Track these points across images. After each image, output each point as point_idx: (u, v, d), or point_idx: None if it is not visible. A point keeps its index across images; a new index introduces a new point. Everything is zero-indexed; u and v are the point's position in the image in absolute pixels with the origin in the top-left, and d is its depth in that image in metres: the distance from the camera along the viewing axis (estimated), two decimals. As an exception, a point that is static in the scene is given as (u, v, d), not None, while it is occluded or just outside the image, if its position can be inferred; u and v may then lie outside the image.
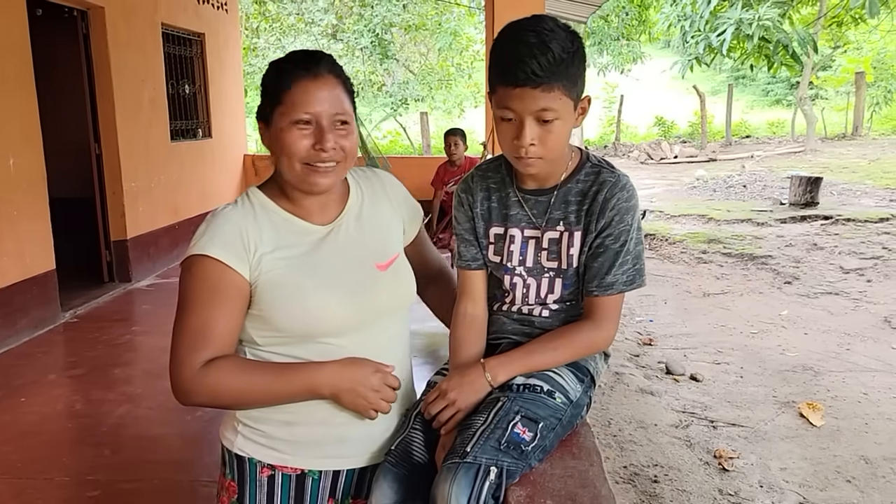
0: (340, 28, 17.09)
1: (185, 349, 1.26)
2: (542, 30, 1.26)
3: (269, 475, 1.37)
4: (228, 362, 1.27)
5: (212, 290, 1.27)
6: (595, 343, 1.43)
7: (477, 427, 1.28)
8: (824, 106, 21.92)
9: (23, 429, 3.40)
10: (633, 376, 4.52)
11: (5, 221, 4.51)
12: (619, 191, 1.37)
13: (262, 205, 1.36)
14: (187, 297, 1.28)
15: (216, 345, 1.27)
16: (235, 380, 1.27)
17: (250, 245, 1.29)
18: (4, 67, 4.53)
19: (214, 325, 1.27)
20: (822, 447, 3.60)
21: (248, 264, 1.29)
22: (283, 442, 1.35)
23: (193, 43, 7.50)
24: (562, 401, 1.37)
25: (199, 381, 1.25)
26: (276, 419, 1.34)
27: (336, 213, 1.40)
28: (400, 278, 1.43)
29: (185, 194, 7.01)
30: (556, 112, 1.28)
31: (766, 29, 7.97)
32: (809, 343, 5.14)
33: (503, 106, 1.30)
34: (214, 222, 1.31)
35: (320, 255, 1.34)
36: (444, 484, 1.19)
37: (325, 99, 1.28)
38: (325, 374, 1.29)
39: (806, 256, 7.48)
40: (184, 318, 1.28)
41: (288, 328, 1.31)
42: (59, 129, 6.18)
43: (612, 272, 1.39)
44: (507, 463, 1.23)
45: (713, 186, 12.47)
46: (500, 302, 1.51)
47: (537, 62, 1.23)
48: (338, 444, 1.36)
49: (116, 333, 4.83)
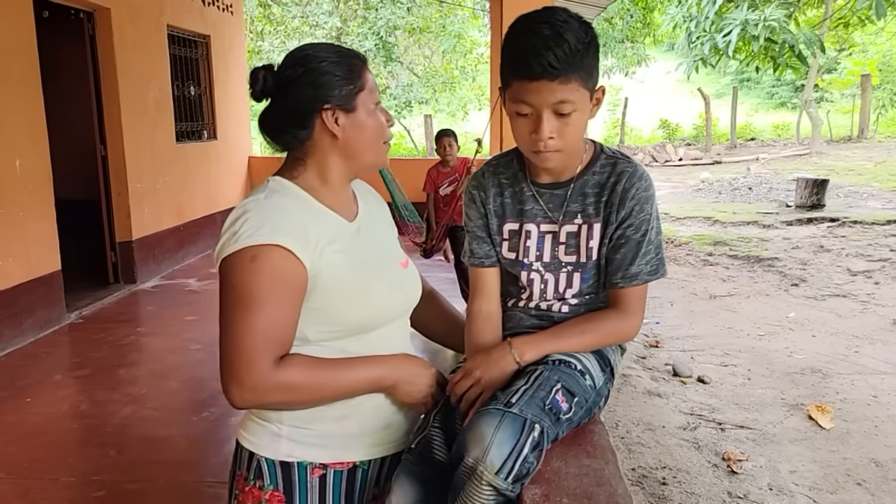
0: (344, 31, 17.10)
1: (257, 347, 1.18)
2: (555, 21, 1.24)
3: (320, 475, 1.33)
4: (301, 359, 1.23)
5: (282, 281, 1.20)
6: (622, 332, 1.41)
7: (519, 386, 1.26)
8: (830, 108, 21.87)
9: (28, 429, 3.39)
10: (640, 378, 4.50)
11: (11, 222, 4.51)
12: (637, 180, 1.36)
13: (298, 196, 1.31)
14: (252, 290, 1.19)
15: (286, 341, 1.22)
16: (311, 377, 1.23)
17: (311, 236, 1.25)
18: (11, 69, 4.53)
19: (284, 319, 1.21)
20: (832, 450, 3.57)
21: (310, 256, 1.24)
22: (335, 438, 1.33)
23: (199, 45, 7.50)
24: (590, 384, 1.36)
25: (276, 380, 1.19)
26: (328, 416, 1.31)
27: (354, 211, 1.40)
28: (416, 276, 1.47)
29: (191, 196, 7.01)
30: (574, 104, 1.26)
31: (772, 30, 7.95)
32: (817, 345, 5.11)
33: (519, 100, 1.28)
34: (269, 211, 1.24)
35: (363, 249, 1.34)
36: (487, 428, 1.15)
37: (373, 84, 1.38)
38: (388, 367, 1.32)
39: (813, 259, 7.45)
40: (251, 312, 1.18)
41: (350, 321, 1.29)
42: (65, 130, 6.19)
43: (637, 263, 1.38)
44: (546, 425, 1.20)
45: (718, 189, 12.45)
46: (515, 298, 1.49)
47: (554, 54, 1.21)
48: (385, 431, 1.37)
49: (121, 334, 4.82)
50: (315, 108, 1.30)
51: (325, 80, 1.29)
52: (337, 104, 1.30)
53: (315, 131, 1.32)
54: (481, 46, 18.12)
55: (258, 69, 1.33)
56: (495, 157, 1.49)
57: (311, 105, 1.30)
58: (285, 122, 1.33)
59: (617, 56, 18.79)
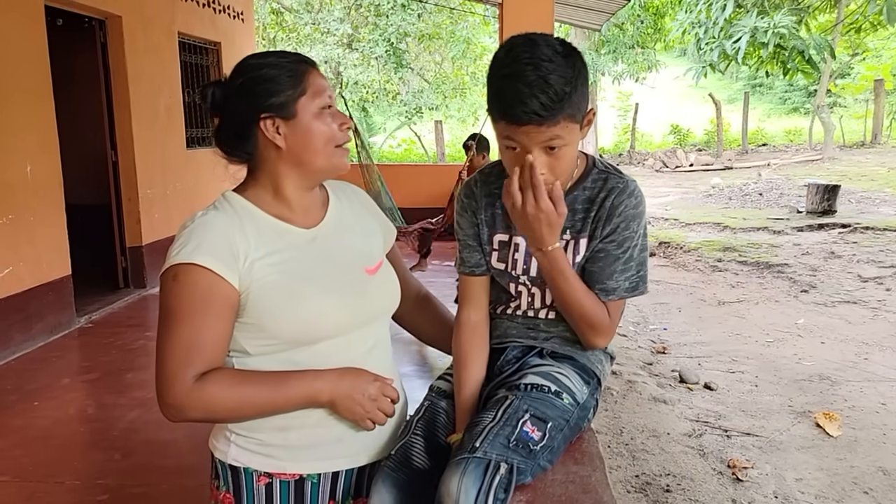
0: (356, 38, 17.18)
1: (177, 363, 1.20)
2: (539, 61, 1.20)
3: (266, 483, 1.33)
4: (223, 374, 1.23)
5: (201, 299, 1.22)
6: (590, 341, 1.41)
7: (486, 424, 1.26)
8: (842, 114, 21.74)
9: (35, 433, 3.42)
10: (645, 384, 4.48)
11: (22, 227, 4.56)
12: (627, 197, 1.35)
13: (244, 209, 1.31)
14: (174, 308, 1.23)
15: (208, 357, 1.22)
16: (233, 392, 1.22)
17: (239, 252, 1.25)
18: (23, 76, 4.59)
19: (206, 336, 1.21)
20: (839, 458, 3.54)
21: (237, 273, 1.24)
22: (278, 448, 1.31)
23: (209, 52, 7.57)
24: (569, 402, 1.35)
25: (194, 396, 1.19)
26: (270, 426, 1.30)
27: (319, 217, 1.38)
28: (388, 282, 1.42)
29: (201, 201, 6.97)
30: (563, 139, 1.24)
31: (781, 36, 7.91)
32: (826, 352, 5.07)
33: (507, 137, 1.26)
34: (197, 229, 1.26)
35: (310, 259, 1.31)
36: (454, 478, 1.17)
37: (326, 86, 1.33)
38: (323, 382, 1.26)
39: (823, 265, 7.40)
40: (172, 330, 1.22)
41: (285, 334, 1.27)
42: (77, 136, 6.25)
43: (615, 277, 1.37)
44: (516, 461, 1.21)
45: (729, 194, 12.39)
46: (504, 305, 1.49)
47: (539, 102, 1.19)
48: (335, 444, 1.33)
49: (130, 339, 4.86)
50: (253, 119, 1.28)
51: (260, 89, 1.28)
52: (275, 113, 1.28)
53: (259, 142, 1.31)
54: (491, 52, 18.14)
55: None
56: (487, 167, 1.49)
57: (248, 116, 1.29)
58: (229, 136, 1.32)
59: (627, 61, 18.76)
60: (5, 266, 4.40)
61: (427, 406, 1.43)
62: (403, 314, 1.55)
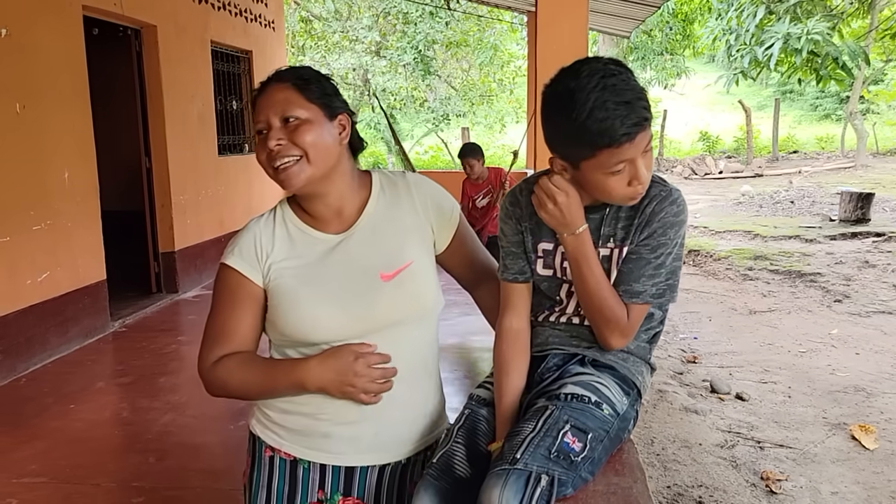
0: (384, 45, 17.31)
1: (205, 346, 1.41)
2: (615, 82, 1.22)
3: (269, 456, 1.46)
4: (232, 359, 1.38)
5: (230, 295, 1.41)
6: (604, 339, 1.40)
7: (526, 434, 1.25)
8: (876, 121, 21.35)
9: (72, 435, 3.48)
10: (676, 394, 4.43)
11: (60, 233, 4.66)
12: (668, 204, 1.35)
13: (284, 216, 1.45)
14: (212, 301, 1.44)
15: (230, 344, 1.40)
16: (234, 375, 1.38)
17: (262, 254, 1.40)
18: (62, 86, 4.70)
19: (228, 326, 1.40)
20: (876, 471, 3.47)
21: (260, 272, 1.40)
22: (280, 427, 1.44)
23: (241, 60, 7.67)
24: (609, 413, 1.34)
25: (210, 375, 1.39)
26: (276, 405, 1.43)
27: (352, 220, 1.43)
28: (405, 289, 1.39)
29: (231, 207, 7.15)
30: (650, 139, 1.29)
31: (815, 43, 7.81)
32: (861, 363, 4.97)
33: (615, 163, 1.25)
34: (241, 233, 1.45)
35: (326, 266, 1.39)
36: (494, 489, 1.17)
37: (268, 106, 1.34)
38: (307, 369, 1.33)
39: (857, 274, 7.27)
40: (209, 318, 1.44)
41: (287, 333, 1.39)
42: (112, 143, 6.38)
43: (642, 281, 1.36)
44: (557, 472, 1.21)
45: (759, 202, 12.23)
46: (548, 311, 1.49)
47: (641, 105, 1.22)
48: (323, 439, 1.40)
49: (163, 343, 4.93)
50: None
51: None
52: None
53: None
54: (519, 59, 18.16)
55: None
56: (534, 176, 1.47)
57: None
58: None
59: (656, 68, 18.65)
60: (43, 270, 4.50)
61: (467, 414, 1.43)
62: (472, 290, 1.62)
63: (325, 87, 1.38)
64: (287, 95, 1.33)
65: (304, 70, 1.40)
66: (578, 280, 1.36)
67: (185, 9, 6.32)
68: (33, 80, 4.42)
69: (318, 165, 1.34)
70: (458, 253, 1.52)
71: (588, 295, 1.36)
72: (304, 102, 1.34)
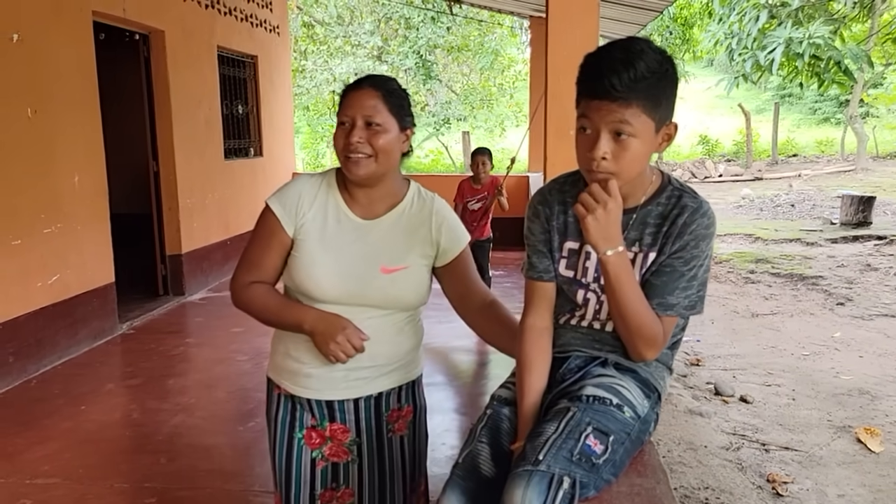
0: (386, 50, 17.35)
1: (240, 269, 1.70)
2: (631, 48, 1.27)
3: (278, 393, 1.77)
4: (260, 289, 1.67)
5: (267, 233, 1.66)
6: (640, 353, 1.40)
7: (548, 435, 1.27)
8: (875, 124, 21.40)
9: (83, 436, 3.51)
10: (681, 397, 4.46)
11: (69, 236, 4.69)
12: (699, 217, 1.36)
13: (329, 184, 1.69)
14: (254, 232, 1.70)
15: (261, 274, 1.68)
16: (259, 300, 1.66)
17: (301, 210, 1.64)
18: (72, 91, 4.73)
19: (262, 260, 1.67)
20: (882, 474, 3.50)
21: (293, 225, 1.64)
22: (282, 370, 1.74)
23: (247, 65, 7.71)
24: (630, 415, 1.36)
25: (240, 293, 1.68)
26: (281, 350, 1.73)
27: (380, 213, 1.68)
28: (396, 286, 1.65)
29: (237, 211, 7.19)
30: (633, 128, 1.27)
31: (817, 47, 7.85)
32: (865, 366, 5.00)
33: (582, 115, 1.31)
34: (291, 182, 1.70)
35: (345, 242, 1.64)
36: (517, 490, 1.19)
37: (357, 106, 1.59)
38: (309, 315, 1.61)
39: (859, 277, 7.30)
40: (248, 246, 1.70)
41: (296, 285, 1.65)
42: (120, 147, 6.42)
43: (676, 294, 1.37)
44: (579, 474, 1.22)
45: (760, 205, 12.27)
46: (569, 315, 1.51)
47: (618, 77, 1.24)
48: (307, 378, 1.70)
49: (171, 345, 4.96)
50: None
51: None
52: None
53: None
54: (519, 63, 18.20)
55: None
56: (563, 176, 1.51)
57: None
58: None
59: (656, 72, 18.62)
60: (53, 273, 4.53)
61: (490, 414, 1.45)
62: (467, 316, 1.76)
63: (403, 103, 1.64)
64: (375, 103, 1.58)
65: (392, 83, 1.64)
66: (616, 299, 1.35)
67: (192, 14, 6.36)
68: (44, 86, 4.46)
69: (381, 165, 1.60)
70: (453, 274, 1.73)
71: (626, 315, 1.36)
72: (386, 113, 1.59)
